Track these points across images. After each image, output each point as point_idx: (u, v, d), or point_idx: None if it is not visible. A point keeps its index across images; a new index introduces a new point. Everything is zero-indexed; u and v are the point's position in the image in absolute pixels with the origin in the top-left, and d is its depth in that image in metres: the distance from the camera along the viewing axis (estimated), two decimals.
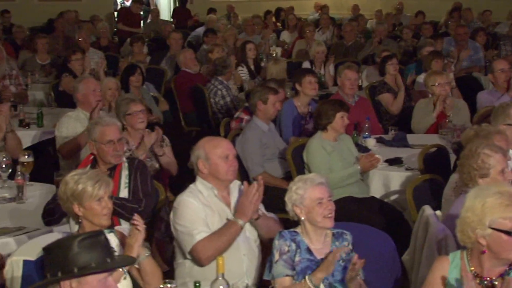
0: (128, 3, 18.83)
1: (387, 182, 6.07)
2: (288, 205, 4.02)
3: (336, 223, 4.02)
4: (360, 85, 8.93)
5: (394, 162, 6.22)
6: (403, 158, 6.30)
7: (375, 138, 6.84)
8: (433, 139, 6.82)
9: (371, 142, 6.72)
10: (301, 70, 8.18)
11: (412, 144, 6.74)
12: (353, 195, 5.84)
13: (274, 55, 11.50)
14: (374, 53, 11.24)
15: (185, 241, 4.11)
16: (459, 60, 10.49)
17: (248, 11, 17.79)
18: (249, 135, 6.49)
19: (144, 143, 5.96)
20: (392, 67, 8.55)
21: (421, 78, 8.65)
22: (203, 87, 9.05)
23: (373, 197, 5.98)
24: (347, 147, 6.08)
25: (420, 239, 4.58)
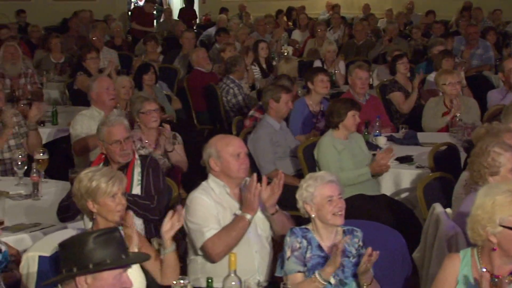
0: (141, 3, 18.90)
1: (397, 180, 6.07)
2: (299, 202, 4.02)
3: (347, 220, 4.02)
4: (370, 84, 8.94)
5: (404, 160, 6.22)
6: (413, 156, 6.29)
7: (385, 136, 6.85)
8: (443, 137, 6.82)
9: (382, 140, 6.71)
10: (314, 69, 8.20)
11: (422, 142, 6.74)
12: (364, 192, 5.84)
13: (286, 54, 11.49)
14: (385, 52, 11.24)
15: (196, 238, 4.15)
16: (468, 59, 10.48)
17: (259, 10, 17.82)
18: (260, 133, 6.50)
19: (160, 141, 6.02)
20: (402, 66, 8.56)
21: (431, 77, 8.62)
22: (215, 86, 9.05)
23: (384, 194, 5.99)
24: (358, 146, 6.08)
25: (430, 237, 4.59)
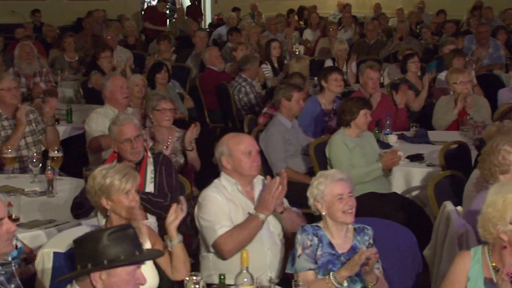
0: (154, 2, 18.97)
1: (408, 178, 6.08)
2: (310, 200, 4.03)
3: (358, 218, 4.03)
4: (381, 82, 8.97)
5: (415, 158, 6.24)
6: (424, 154, 6.31)
7: (396, 134, 6.88)
8: (454, 135, 6.84)
9: (393, 139, 6.75)
10: (327, 68, 8.24)
11: (433, 141, 6.77)
12: (375, 190, 5.85)
13: (297, 53, 11.54)
14: (396, 51, 11.25)
15: (208, 235, 4.16)
16: (479, 58, 10.48)
17: (271, 10, 17.86)
18: (272, 131, 6.51)
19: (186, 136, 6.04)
20: (413, 65, 8.59)
21: (442, 75, 8.63)
22: (227, 85, 9.08)
23: (395, 193, 6.00)
24: (369, 144, 6.09)
25: (441, 234, 4.61)
